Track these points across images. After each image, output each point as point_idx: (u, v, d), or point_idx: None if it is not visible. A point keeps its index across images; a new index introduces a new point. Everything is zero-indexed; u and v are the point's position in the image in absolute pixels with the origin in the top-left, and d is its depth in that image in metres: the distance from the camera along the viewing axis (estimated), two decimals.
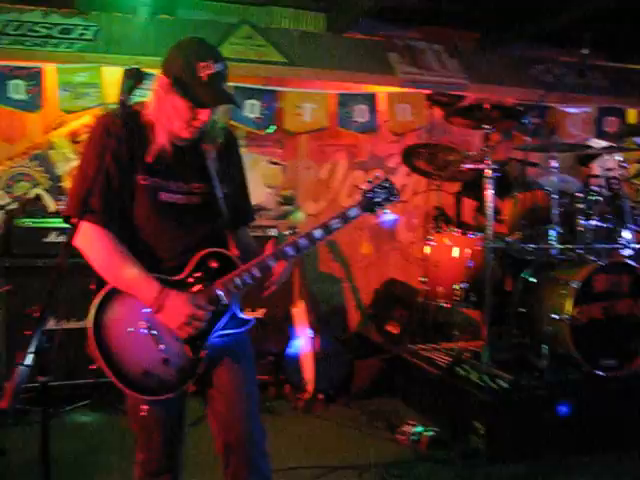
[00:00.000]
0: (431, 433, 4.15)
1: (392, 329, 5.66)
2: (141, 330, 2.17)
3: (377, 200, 2.39)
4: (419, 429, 4.21)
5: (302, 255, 2.35)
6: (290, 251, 2.30)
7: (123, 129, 2.17)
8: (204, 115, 2.19)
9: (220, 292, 2.23)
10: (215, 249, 2.28)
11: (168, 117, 2.19)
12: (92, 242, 2.15)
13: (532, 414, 4.06)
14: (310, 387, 4.84)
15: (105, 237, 2.16)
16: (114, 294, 2.17)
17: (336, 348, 5.09)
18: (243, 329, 2.34)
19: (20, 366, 1.56)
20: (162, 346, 2.18)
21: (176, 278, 2.23)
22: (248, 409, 2.34)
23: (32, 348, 1.61)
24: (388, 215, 2.42)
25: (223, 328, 2.27)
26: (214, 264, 2.26)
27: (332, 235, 2.36)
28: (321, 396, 4.88)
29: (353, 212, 2.36)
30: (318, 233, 2.32)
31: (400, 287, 6.10)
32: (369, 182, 2.43)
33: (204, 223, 2.32)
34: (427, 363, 4.81)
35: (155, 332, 2.17)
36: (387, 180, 2.43)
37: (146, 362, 2.17)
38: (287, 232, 5.09)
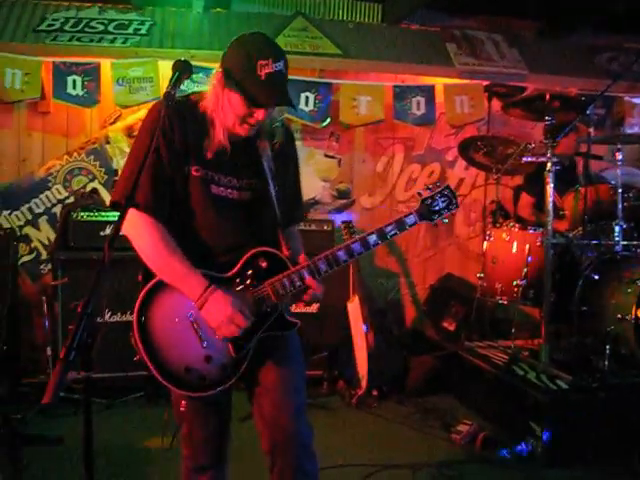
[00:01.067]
0: (484, 433, 4.07)
1: (448, 325, 5.55)
2: (185, 325, 2.15)
3: (436, 209, 2.32)
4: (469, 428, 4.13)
5: (354, 260, 2.28)
6: (342, 255, 2.24)
7: (178, 118, 2.14)
8: (260, 114, 2.13)
9: (267, 294, 2.19)
10: (266, 248, 2.24)
11: (224, 112, 2.15)
12: (140, 231, 2.13)
13: (592, 417, 3.91)
14: (364, 383, 4.78)
15: (154, 227, 2.13)
16: (161, 287, 2.15)
17: (391, 344, 5.02)
18: (288, 331, 2.29)
19: (62, 361, 1.54)
20: (205, 343, 2.15)
21: (225, 275, 2.19)
22: (295, 409, 2.29)
23: (74, 343, 1.59)
24: None
25: (268, 329, 2.23)
26: (264, 264, 2.22)
27: (387, 242, 2.28)
28: (375, 392, 4.81)
29: (410, 220, 2.29)
30: (373, 239, 2.26)
31: (457, 283, 5.98)
32: (428, 189, 2.35)
33: (255, 220, 2.28)
34: (483, 361, 4.70)
35: (199, 328, 2.15)
36: (448, 187, 2.36)
37: (188, 358, 2.14)
38: (342, 226, 5.03)
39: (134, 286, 2.22)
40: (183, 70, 2.06)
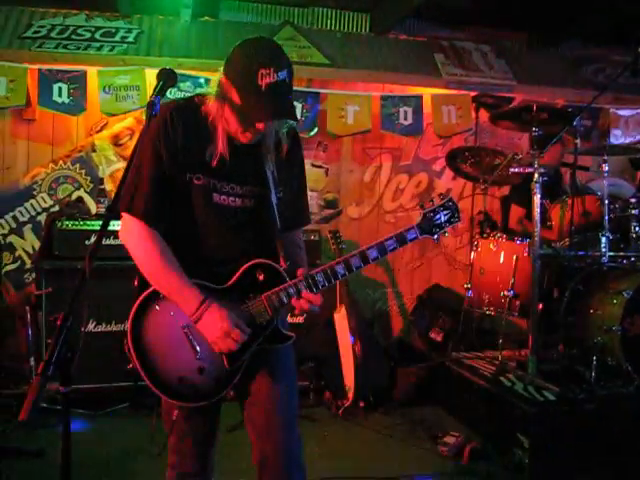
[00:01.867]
0: (471, 445, 4.05)
1: (435, 336, 5.53)
2: (180, 336, 2.13)
3: (438, 222, 2.26)
4: (456, 439, 4.12)
5: (350, 274, 2.20)
6: (341, 270, 2.18)
7: (180, 125, 2.09)
8: (260, 125, 2.05)
9: (263, 307, 2.16)
10: (263, 260, 2.19)
11: (226, 118, 2.08)
12: (137, 241, 2.12)
13: (579, 428, 3.90)
14: (350, 394, 4.74)
15: (151, 237, 2.11)
16: (156, 296, 2.13)
17: (378, 354, 4.99)
18: (283, 344, 2.25)
19: (39, 377, 1.51)
20: (199, 354, 2.13)
21: (221, 287, 2.16)
22: (285, 420, 2.26)
23: (53, 357, 1.55)
24: None
25: (263, 342, 2.19)
26: (261, 276, 2.18)
27: (387, 256, 2.21)
28: (362, 403, 4.78)
29: (411, 235, 2.23)
30: (373, 254, 2.19)
31: (444, 293, 5.97)
32: (431, 201, 2.28)
33: (255, 228, 2.23)
34: (471, 372, 4.68)
35: (194, 339, 2.12)
36: (451, 200, 2.28)
37: (182, 369, 2.12)
38: (329, 236, 4.99)
39: (120, 296, 2.19)
40: (167, 79, 2.02)
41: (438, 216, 2.25)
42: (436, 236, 2.26)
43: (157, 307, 2.14)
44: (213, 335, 2.07)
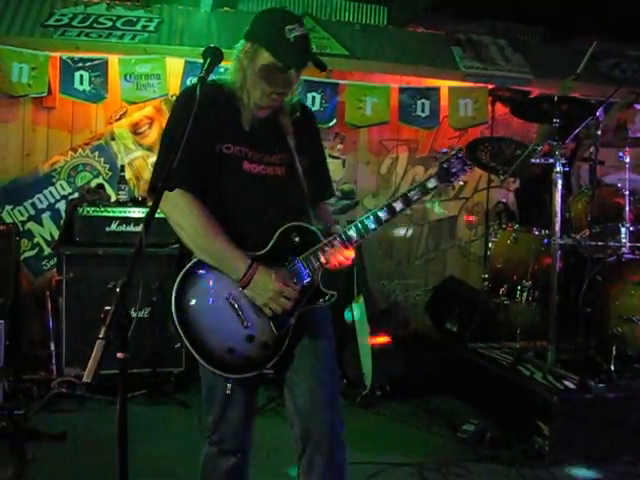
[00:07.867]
0: (491, 432, 4.07)
1: (451, 327, 5.55)
2: (225, 306, 2.13)
3: (454, 171, 2.31)
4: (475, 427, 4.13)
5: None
6: (371, 224, 2.23)
7: (208, 99, 2.13)
8: (291, 77, 2.18)
9: (303, 266, 2.20)
10: (297, 223, 2.23)
11: (252, 85, 2.18)
12: (181, 209, 2.13)
13: (599, 417, 3.92)
14: (368, 383, 4.76)
15: (196, 205, 2.13)
16: (195, 269, 2.14)
17: (395, 344, 5.01)
18: (326, 303, 2.29)
19: (100, 340, 1.54)
20: (247, 322, 2.13)
21: (259, 253, 2.18)
22: (330, 397, 2.28)
23: (113, 322, 1.58)
24: None
25: (307, 303, 2.22)
26: (297, 238, 2.22)
27: (411, 207, 2.29)
28: (379, 392, 4.80)
29: (431, 183, 2.30)
30: (399, 206, 2.26)
31: (459, 285, 5.98)
32: (443, 153, 2.35)
33: (287, 195, 2.27)
34: (488, 361, 4.71)
35: (240, 308, 2.13)
36: (461, 150, 2.35)
37: (231, 339, 2.13)
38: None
39: (139, 283, 2.18)
40: (214, 56, 2.06)
41: (453, 165, 2.30)
42: (452, 184, 2.33)
43: (197, 281, 2.15)
44: (265, 297, 2.10)
